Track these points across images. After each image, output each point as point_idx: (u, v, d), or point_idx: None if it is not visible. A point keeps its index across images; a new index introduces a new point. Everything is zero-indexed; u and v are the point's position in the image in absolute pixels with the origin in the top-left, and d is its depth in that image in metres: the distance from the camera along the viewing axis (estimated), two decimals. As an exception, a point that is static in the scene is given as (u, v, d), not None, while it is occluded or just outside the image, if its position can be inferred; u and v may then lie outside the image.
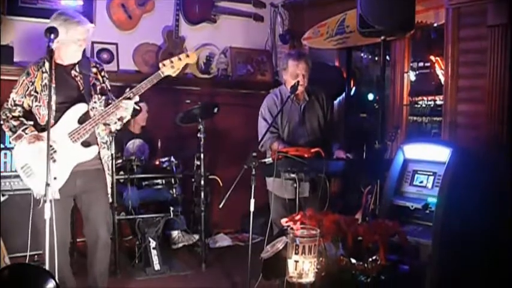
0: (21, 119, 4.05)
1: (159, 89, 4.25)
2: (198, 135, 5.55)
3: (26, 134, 3.96)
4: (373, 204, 4.75)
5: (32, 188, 4.04)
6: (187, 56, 4.25)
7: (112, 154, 4.72)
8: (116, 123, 4.26)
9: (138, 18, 6.61)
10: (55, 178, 3.90)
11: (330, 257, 3.41)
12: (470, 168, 4.15)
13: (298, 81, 4.77)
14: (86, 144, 4.07)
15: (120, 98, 4.08)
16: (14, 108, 4.09)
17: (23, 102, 4.09)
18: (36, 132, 3.95)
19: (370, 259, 3.33)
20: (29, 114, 4.10)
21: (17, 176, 5.08)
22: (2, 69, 5.55)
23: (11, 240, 4.94)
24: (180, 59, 4.20)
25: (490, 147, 4.67)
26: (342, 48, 6.69)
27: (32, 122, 4.05)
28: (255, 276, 4.17)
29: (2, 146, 5.23)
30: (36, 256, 4.86)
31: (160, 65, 4.16)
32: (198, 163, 5.71)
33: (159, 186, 5.73)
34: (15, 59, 5.76)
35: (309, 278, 3.15)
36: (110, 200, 4.38)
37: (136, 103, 4.21)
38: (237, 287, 5.03)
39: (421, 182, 4.31)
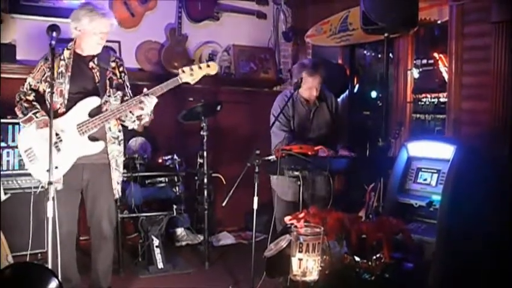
0: (34, 103, 4.04)
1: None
2: (201, 133, 5.54)
3: (37, 117, 3.95)
4: (376, 202, 4.74)
5: (34, 174, 4.05)
6: (208, 66, 4.25)
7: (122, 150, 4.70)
8: (134, 121, 4.25)
9: (141, 16, 6.60)
10: (56, 167, 3.91)
11: (334, 255, 3.41)
12: (474, 166, 4.13)
13: (301, 78, 4.78)
14: (93, 138, 4.07)
15: (134, 98, 4.08)
16: (30, 92, 4.09)
17: (38, 87, 4.10)
18: (46, 117, 3.91)
19: (374, 257, 3.33)
20: (43, 100, 4.08)
21: (20, 175, 5.11)
22: (4, 67, 5.54)
23: (14, 238, 4.93)
24: (200, 67, 4.20)
25: (494, 144, 4.66)
26: (345, 46, 6.68)
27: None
28: (259, 274, 4.18)
29: (3, 144, 5.22)
30: (39, 254, 4.86)
31: (180, 70, 4.15)
32: (201, 161, 5.70)
33: (162, 184, 5.71)
34: (17, 57, 5.76)
35: (313, 276, 3.14)
36: (118, 196, 4.35)
37: None
38: (241, 285, 5.02)
39: (425, 179, 4.30)
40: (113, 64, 4.25)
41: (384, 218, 3.78)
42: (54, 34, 3.67)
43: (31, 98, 4.07)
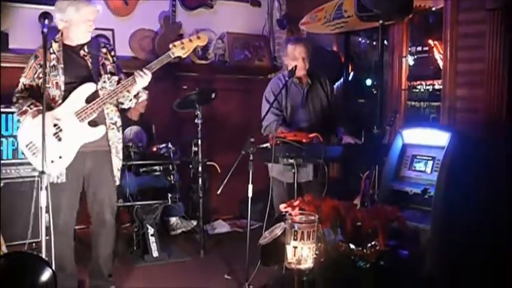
0: (29, 98, 4.02)
1: (156, 75, 4.23)
2: (196, 121, 5.52)
3: (31, 109, 3.94)
4: (372, 190, 4.74)
5: (37, 166, 4.00)
6: (198, 37, 4.28)
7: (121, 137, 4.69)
8: (131, 100, 4.26)
9: (135, 4, 6.57)
10: (60, 157, 3.90)
11: (329, 243, 3.41)
12: (469, 153, 4.13)
13: (296, 65, 4.77)
14: (93, 123, 4.06)
15: (129, 78, 4.10)
16: (24, 91, 4.07)
17: (32, 85, 4.08)
18: (40, 107, 3.89)
19: (369, 244, 3.33)
20: (39, 95, 4.01)
21: (14, 164, 5.10)
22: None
23: (9, 228, 4.91)
24: (190, 40, 4.23)
25: (489, 131, 4.66)
26: (339, 33, 6.66)
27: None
28: (254, 262, 4.18)
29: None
30: (34, 244, 4.84)
31: (171, 45, 4.18)
32: (196, 149, 5.69)
33: (157, 173, 5.70)
34: (10, 46, 5.72)
35: (308, 263, 3.14)
36: (117, 183, 4.35)
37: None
38: (236, 273, 5.02)
39: (420, 166, 4.30)
40: (104, 50, 4.24)
41: (379, 205, 3.79)
42: (46, 22, 3.64)
43: (26, 95, 4.06)
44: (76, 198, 4.20)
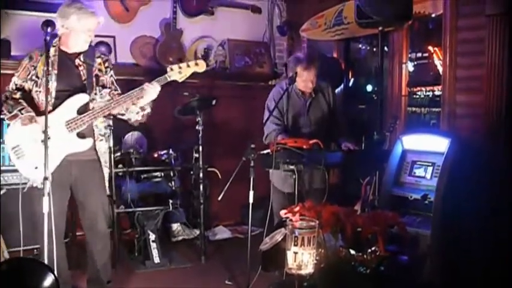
0: (20, 100, 4.01)
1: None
2: (197, 127, 5.53)
3: (22, 114, 3.92)
4: (372, 195, 4.76)
5: (21, 170, 4.04)
6: (197, 64, 4.28)
7: (110, 147, 4.71)
8: (138, 113, 4.25)
9: (136, 11, 6.59)
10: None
11: (329, 249, 3.42)
12: (468, 159, 4.15)
13: (296, 72, 4.79)
14: (81, 135, 4.06)
15: (124, 95, 4.11)
16: (16, 91, 4.07)
17: (24, 86, 4.09)
18: (32, 113, 3.92)
19: (370, 250, 3.34)
20: (29, 98, 4.07)
21: (15, 171, 5.10)
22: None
23: (10, 234, 4.92)
24: (189, 65, 4.24)
25: (489, 137, 4.67)
26: (340, 40, 6.68)
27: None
28: (255, 268, 4.19)
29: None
30: (35, 250, 4.85)
31: (168, 68, 4.19)
32: (197, 155, 5.70)
33: (158, 179, 5.72)
34: (12, 53, 5.74)
35: (308, 269, 3.15)
36: (108, 192, 4.36)
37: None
38: (237, 279, 5.03)
39: (420, 172, 4.32)
40: (99, 60, 4.24)
41: (379, 211, 3.80)
42: (49, 30, 3.67)
43: (17, 96, 4.05)
44: (63, 205, 4.18)
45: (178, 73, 4.18)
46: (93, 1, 6.09)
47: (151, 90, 4.11)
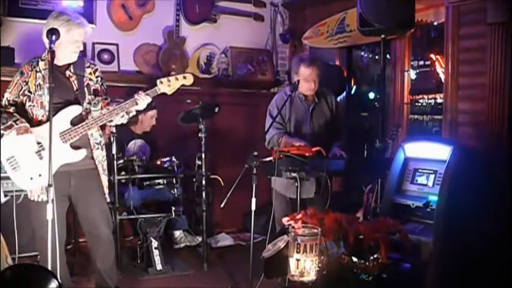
0: (14, 114, 4.04)
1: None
2: (199, 134, 5.55)
3: (16, 124, 3.93)
4: (374, 203, 4.75)
5: (16, 181, 4.06)
6: (184, 77, 4.31)
7: (113, 154, 4.73)
8: (123, 116, 4.27)
9: (139, 19, 6.62)
10: (40, 175, 3.94)
11: (332, 256, 3.42)
12: (471, 166, 4.15)
13: (298, 80, 4.81)
14: (75, 146, 4.09)
15: (119, 106, 4.13)
16: (9, 106, 4.09)
17: (17, 101, 4.11)
18: (26, 124, 3.94)
19: (372, 257, 3.34)
20: (23, 111, 4.10)
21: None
22: (3, 70, 5.55)
23: (13, 240, 4.93)
24: (177, 79, 4.27)
25: (491, 145, 4.68)
26: (342, 47, 6.70)
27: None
28: (257, 275, 4.19)
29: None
30: (38, 256, 4.86)
31: (158, 81, 4.22)
32: (199, 163, 5.71)
33: (161, 186, 5.73)
34: (16, 60, 5.76)
35: (311, 276, 3.16)
36: (108, 200, 4.39)
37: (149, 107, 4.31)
38: (239, 286, 5.03)
39: (422, 180, 4.32)
40: (89, 70, 4.27)
41: (381, 218, 3.80)
42: (54, 38, 3.69)
43: (11, 110, 4.08)
44: (62, 215, 4.19)
45: (167, 86, 4.21)
46: (96, 10, 6.24)
47: (143, 102, 4.15)
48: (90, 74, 4.27)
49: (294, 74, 4.99)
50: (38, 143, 3.96)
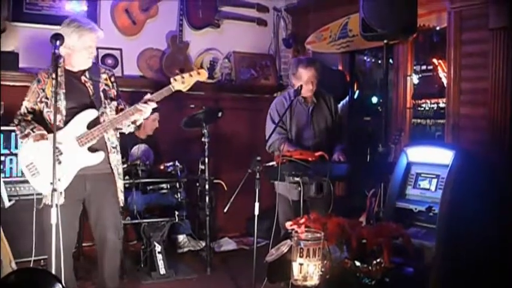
0: (32, 121, 4.08)
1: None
2: (203, 139, 5.57)
3: (33, 132, 3.98)
4: (377, 207, 4.77)
5: (37, 187, 4.09)
6: (198, 73, 4.32)
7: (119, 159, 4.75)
8: (129, 125, 4.32)
9: (142, 24, 6.64)
10: (59, 180, 3.94)
11: (335, 260, 3.44)
12: (473, 171, 4.16)
13: (301, 85, 4.82)
14: (93, 149, 4.12)
15: (130, 108, 4.16)
16: (27, 114, 4.14)
17: (35, 109, 4.15)
18: (43, 131, 3.98)
19: (375, 262, 3.35)
20: (41, 119, 4.13)
21: (23, 182, 5.14)
22: (7, 75, 5.58)
23: (18, 245, 4.95)
24: (191, 75, 4.27)
25: (493, 149, 4.69)
26: (345, 52, 6.71)
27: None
28: (260, 279, 4.20)
29: (6, 151, 5.26)
30: (42, 261, 4.87)
31: (172, 79, 4.23)
32: (203, 167, 5.72)
33: (164, 191, 5.73)
34: (20, 65, 5.78)
35: (314, 280, 3.17)
36: (122, 204, 4.40)
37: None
38: (242, 290, 5.05)
39: (425, 184, 4.33)
40: (104, 76, 4.31)
41: (383, 223, 3.82)
42: (58, 43, 3.72)
43: (29, 118, 4.12)
44: (75, 220, 4.24)
45: (181, 83, 4.22)
46: (100, 15, 6.26)
47: (158, 98, 4.18)
48: (106, 79, 4.30)
49: (291, 75, 5.01)
50: (56, 148, 3.99)
